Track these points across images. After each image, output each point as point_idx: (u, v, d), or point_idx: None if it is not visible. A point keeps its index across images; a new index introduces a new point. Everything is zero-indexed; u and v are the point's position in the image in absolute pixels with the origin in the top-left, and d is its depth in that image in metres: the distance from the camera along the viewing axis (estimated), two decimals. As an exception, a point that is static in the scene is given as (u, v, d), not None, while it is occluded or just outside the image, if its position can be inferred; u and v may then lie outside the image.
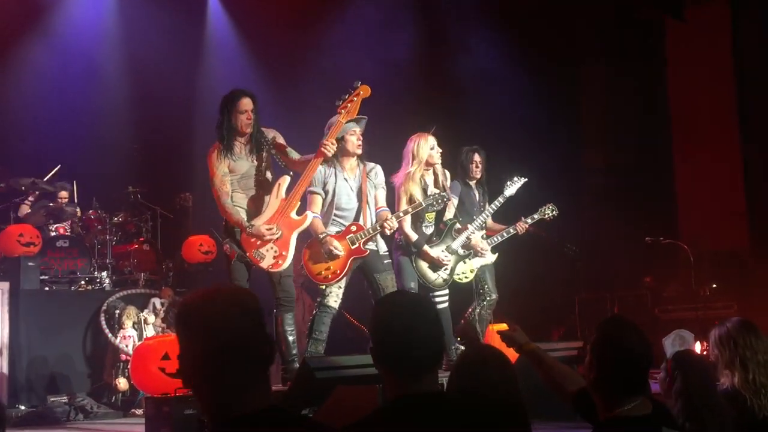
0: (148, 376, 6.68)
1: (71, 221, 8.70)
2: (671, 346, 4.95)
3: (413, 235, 6.22)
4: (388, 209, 5.88)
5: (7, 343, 7.35)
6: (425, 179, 6.30)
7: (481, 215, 6.63)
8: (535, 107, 9.90)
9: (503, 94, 9.83)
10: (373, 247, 5.81)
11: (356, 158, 5.84)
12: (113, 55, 10.23)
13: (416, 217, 6.21)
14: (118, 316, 7.70)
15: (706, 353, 4.55)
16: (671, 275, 9.50)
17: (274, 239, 5.39)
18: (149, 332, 7.60)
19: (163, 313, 7.84)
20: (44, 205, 8.75)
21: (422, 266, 6.27)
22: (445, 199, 5.98)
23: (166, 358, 6.63)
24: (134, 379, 6.98)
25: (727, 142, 10.05)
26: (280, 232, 5.41)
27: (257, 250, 5.41)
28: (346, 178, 5.81)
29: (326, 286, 5.69)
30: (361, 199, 5.79)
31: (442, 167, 6.40)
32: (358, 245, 5.63)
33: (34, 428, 6.67)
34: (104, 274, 8.40)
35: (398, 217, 5.83)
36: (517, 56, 9.94)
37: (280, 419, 1.87)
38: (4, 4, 9.36)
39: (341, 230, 5.72)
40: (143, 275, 8.51)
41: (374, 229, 5.64)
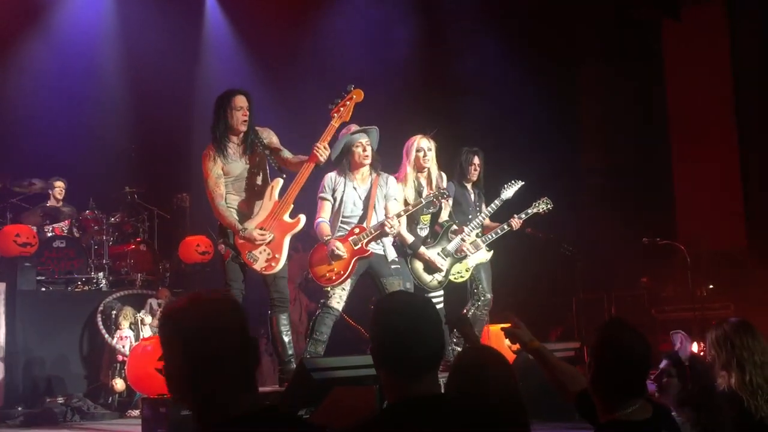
0: (144, 376, 6.66)
1: (68, 221, 8.69)
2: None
3: (409, 237, 6.22)
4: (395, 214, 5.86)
5: (3, 344, 7.35)
6: (420, 181, 6.30)
7: (477, 217, 6.61)
8: (533, 108, 9.90)
9: (501, 94, 9.83)
10: (380, 251, 5.81)
11: (368, 167, 5.84)
12: (111, 54, 10.23)
13: (411, 219, 6.20)
14: (114, 316, 7.70)
15: (703, 354, 4.55)
16: (668, 276, 9.49)
17: (265, 243, 5.39)
18: (146, 333, 7.59)
19: (159, 313, 7.82)
20: (41, 205, 8.74)
21: (417, 268, 6.26)
22: (444, 196, 5.97)
23: (163, 358, 6.61)
24: (131, 379, 6.96)
25: (725, 142, 10.06)
26: (272, 236, 5.40)
27: (250, 252, 5.40)
28: (355, 186, 5.82)
29: (330, 287, 5.69)
30: (367, 206, 5.79)
31: (438, 169, 6.39)
32: (360, 245, 5.64)
33: (30, 429, 6.66)
34: (101, 274, 8.40)
35: (400, 215, 5.83)
36: (515, 56, 9.95)
37: (272, 420, 1.86)
38: (2, 3, 9.34)
39: (345, 234, 5.73)
40: (140, 276, 8.50)
41: (376, 228, 5.64)
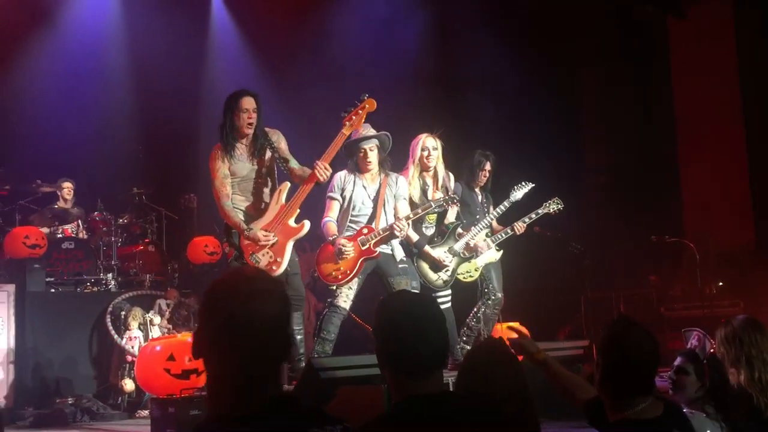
0: (153, 377, 6.69)
1: (77, 223, 8.71)
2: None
3: (414, 235, 6.20)
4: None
5: (13, 345, 7.37)
6: (425, 180, 6.27)
7: (484, 219, 6.58)
8: (537, 107, 9.90)
9: (506, 94, 9.82)
10: (387, 251, 5.80)
11: (378, 167, 5.84)
12: (118, 55, 10.24)
13: (417, 218, 6.19)
14: (123, 317, 7.71)
15: (713, 351, 4.54)
16: (677, 274, 9.48)
17: (269, 245, 5.39)
18: (155, 333, 7.61)
19: (168, 314, 7.84)
20: (50, 207, 8.77)
21: (423, 267, 6.24)
22: (454, 200, 5.97)
23: (171, 359, 6.63)
24: (140, 380, 6.98)
25: (732, 139, 10.03)
26: (276, 238, 5.40)
27: (253, 254, 5.40)
28: (365, 185, 5.81)
29: (337, 286, 5.69)
30: (376, 205, 5.79)
31: (445, 169, 6.38)
32: (368, 246, 5.63)
33: (41, 430, 6.68)
34: (110, 275, 8.42)
35: (410, 218, 5.79)
36: (519, 57, 9.94)
37: (294, 411, 1.84)
38: (9, 3, 9.37)
39: (353, 234, 5.74)
40: (149, 276, 8.52)
41: (385, 230, 5.64)
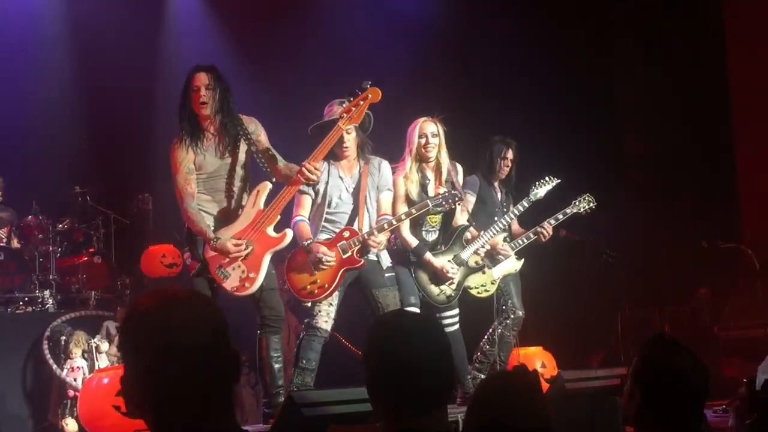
0: (100, 415, 6.62)
1: (6, 229, 8.68)
2: (764, 372, 4.86)
3: (413, 240, 6.13)
4: (390, 218, 5.82)
5: (-73, 378, 7.32)
6: (425, 173, 6.21)
7: (499, 221, 6.53)
8: (564, 89, 9.89)
9: (527, 74, 9.83)
10: (372, 257, 5.77)
11: (355, 154, 5.83)
12: (56, 31, 10.22)
13: (416, 219, 6.13)
14: (64, 343, 7.66)
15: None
16: (732, 286, 9.47)
17: (241, 257, 5.34)
18: (102, 362, 7.56)
19: (118, 339, 7.80)
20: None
21: (423, 278, 6.18)
22: (456, 198, 5.90)
23: (122, 394, 6.58)
24: (84, 419, 6.92)
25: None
26: (250, 248, 5.36)
27: (222, 267, 5.37)
28: (341, 176, 5.79)
29: (313, 303, 5.65)
30: (357, 200, 5.75)
31: (450, 159, 6.31)
32: (351, 254, 5.59)
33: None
34: (47, 292, 8.36)
35: (392, 224, 5.74)
36: (542, 30, 9.94)
37: None
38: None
39: (332, 237, 5.69)
40: (94, 294, 8.48)
41: (359, 241, 5.60)
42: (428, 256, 6.15)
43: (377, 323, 2.32)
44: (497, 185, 6.83)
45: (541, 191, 6.67)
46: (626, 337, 9.06)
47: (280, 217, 5.47)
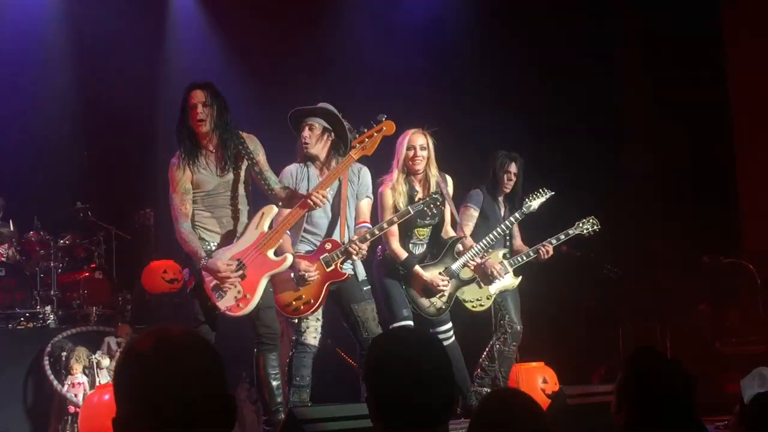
0: (102, 431, 6.63)
1: (8, 245, 8.68)
2: (749, 388, 4.89)
3: (402, 252, 6.11)
4: (370, 226, 5.81)
5: (-72, 394, 7.31)
6: (413, 185, 6.18)
7: (493, 231, 6.50)
8: (562, 96, 9.89)
9: (522, 82, 9.82)
10: (349, 270, 5.76)
11: (333, 157, 5.81)
12: (57, 43, 10.24)
13: (403, 232, 6.11)
14: (65, 359, 7.66)
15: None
16: (734, 301, 9.45)
17: (232, 277, 5.32)
18: (103, 378, 7.56)
19: (119, 353, 7.80)
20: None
21: (412, 291, 6.17)
22: (437, 202, 5.86)
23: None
24: (85, 436, 6.93)
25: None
26: (240, 271, 5.32)
27: (218, 286, 5.36)
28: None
29: (300, 319, 5.64)
30: (338, 209, 5.74)
31: (440, 171, 6.27)
32: (334, 267, 5.58)
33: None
34: (48, 308, 8.37)
35: (374, 233, 5.70)
36: (538, 33, 9.94)
37: None
38: None
39: (313, 250, 5.68)
40: (95, 309, 8.48)
41: (342, 252, 5.59)
42: (417, 268, 6.13)
43: (377, 341, 2.32)
44: (501, 200, 6.82)
45: (534, 203, 6.66)
46: (628, 351, 9.04)
47: (282, 241, 5.47)
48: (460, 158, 7.42)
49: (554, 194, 6.70)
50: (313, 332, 5.66)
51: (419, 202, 5.84)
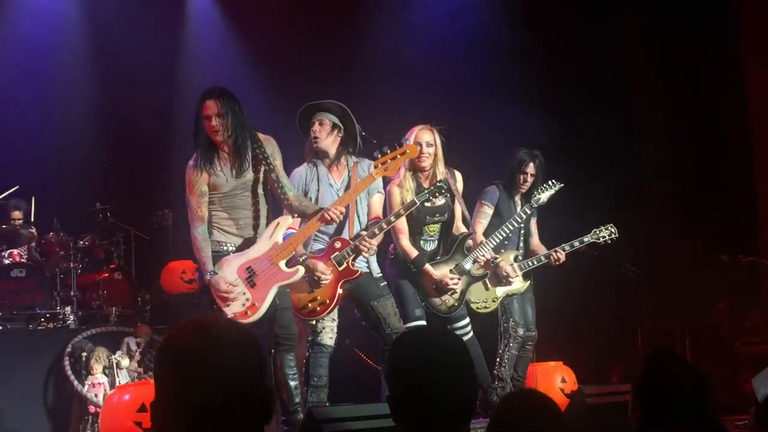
0: (122, 431, 6.66)
1: (28, 246, 8.72)
2: (762, 386, 4.87)
3: (412, 251, 6.08)
4: (382, 221, 5.78)
5: (-50, 394, 7.36)
6: (420, 183, 6.14)
7: (503, 227, 6.43)
8: (578, 94, 9.86)
9: (535, 76, 9.80)
10: (364, 267, 5.76)
11: (342, 155, 5.82)
12: (78, 50, 10.31)
13: (413, 229, 6.09)
14: (85, 359, 7.69)
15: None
16: (753, 300, 9.41)
17: (231, 297, 5.31)
18: (123, 378, 7.59)
19: (139, 355, 7.82)
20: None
21: (424, 289, 6.13)
22: (442, 190, 5.83)
23: (143, 410, 6.60)
24: (105, 435, 6.96)
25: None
26: (246, 294, 5.31)
27: (231, 285, 5.36)
28: (331, 183, 5.78)
29: (317, 320, 5.64)
30: (348, 206, 5.70)
31: (448, 167, 6.23)
32: (346, 265, 5.58)
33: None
34: (68, 309, 8.42)
35: (382, 228, 5.67)
36: (550, 29, 9.92)
37: None
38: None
39: (324, 248, 5.69)
40: (115, 310, 8.52)
41: (353, 250, 5.59)
42: (428, 267, 6.10)
43: (398, 341, 2.32)
44: (518, 199, 6.75)
45: (543, 196, 6.56)
46: (646, 351, 9.01)
47: (295, 252, 5.47)
48: (479, 154, 7.41)
49: (562, 186, 6.62)
50: (329, 332, 5.66)
51: (424, 192, 5.81)
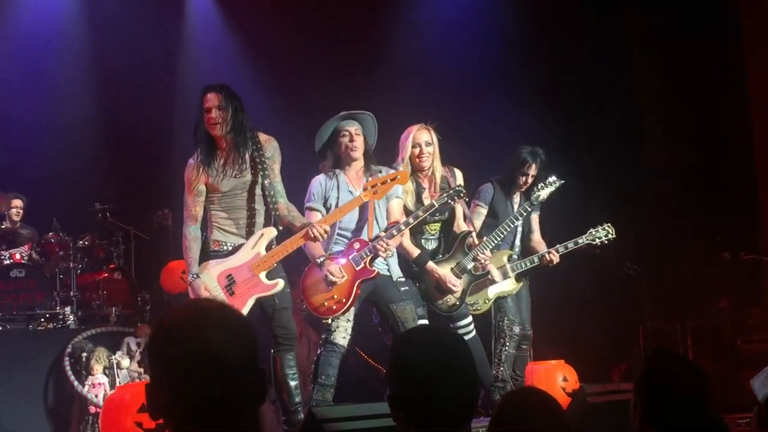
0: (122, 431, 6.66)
1: (27, 246, 8.72)
2: (762, 387, 4.86)
3: (414, 250, 6.09)
4: (400, 224, 5.79)
5: (-50, 394, 7.36)
6: (419, 183, 6.16)
7: (502, 226, 6.39)
8: (581, 93, 9.86)
9: (537, 77, 9.80)
10: (384, 270, 5.76)
11: (362, 164, 5.83)
12: (76, 47, 10.29)
13: (414, 228, 6.05)
14: (85, 359, 7.70)
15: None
16: (754, 298, 9.41)
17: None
18: (123, 378, 7.60)
19: (139, 355, 7.83)
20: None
21: (425, 288, 6.12)
22: (461, 194, 5.85)
23: (143, 410, 6.59)
24: (106, 436, 6.96)
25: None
26: (220, 293, 5.33)
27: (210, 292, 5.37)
28: (351, 190, 5.78)
29: (332, 319, 5.65)
30: (365, 212, 5.73)
31: (448, 165, 6.23)
32: (363, 265, 5.59)
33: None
34: (68, 309, 8.42)
35: (400, 229, 5.68)
36: (555, 24, 9.92)
37: None
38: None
39: (344, 249, 5.70)
40: (115, 310, 8.53)
41: (370, 251, 5.59)
42: (431, 264, 6.10)
43: (399, 340, 2.32)
44: (516, 196, 6.69)
45: (543, 193, 6.44)
46: (648, 350, 9.02)
47: (276, 265, 5.46)
48: (481, 152, 7.40)
49: (563, 183, 6.56)
50: (342, 332, 5.65)
51: (443, 195, 5.83)
